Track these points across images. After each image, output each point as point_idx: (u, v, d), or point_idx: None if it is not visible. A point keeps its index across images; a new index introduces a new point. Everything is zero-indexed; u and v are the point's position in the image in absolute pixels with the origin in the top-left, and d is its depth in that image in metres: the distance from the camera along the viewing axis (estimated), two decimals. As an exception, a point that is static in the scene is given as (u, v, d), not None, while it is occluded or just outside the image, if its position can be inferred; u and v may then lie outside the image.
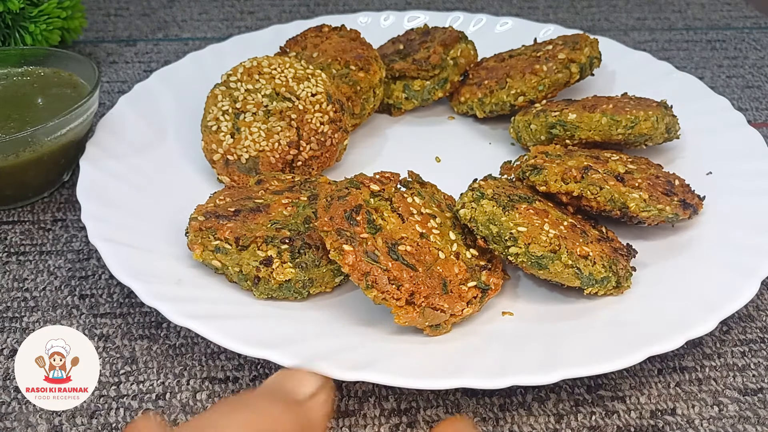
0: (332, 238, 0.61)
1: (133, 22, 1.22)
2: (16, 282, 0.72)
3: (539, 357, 0.58)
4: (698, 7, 1.28)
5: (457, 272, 0.63)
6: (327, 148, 0.80)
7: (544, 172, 0.70)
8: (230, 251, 0.65)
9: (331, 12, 1.26)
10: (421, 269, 0.62)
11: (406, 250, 0.62)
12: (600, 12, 1.27)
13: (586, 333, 0.62)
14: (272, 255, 0.64)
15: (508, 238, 0.63)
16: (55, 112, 0.76)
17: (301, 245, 0.65)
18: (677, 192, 0.72)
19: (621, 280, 0.65)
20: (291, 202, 0.70)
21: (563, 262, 0.62)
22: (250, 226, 0.67)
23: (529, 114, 0.82)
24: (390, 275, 0.60)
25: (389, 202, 0.66)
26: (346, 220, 0.62)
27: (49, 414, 0.59)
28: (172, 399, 0.60)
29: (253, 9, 1.27)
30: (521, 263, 0.63)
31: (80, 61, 0.85)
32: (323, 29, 0.96)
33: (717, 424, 0.59)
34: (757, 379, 0.63)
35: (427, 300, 0.60)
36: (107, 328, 0.67)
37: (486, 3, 1.30)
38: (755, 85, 1.05)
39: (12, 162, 0.75)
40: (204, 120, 0.82)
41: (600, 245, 0.66)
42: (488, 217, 0.64)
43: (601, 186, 0.68)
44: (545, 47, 0.91)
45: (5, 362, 0.64)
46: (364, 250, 0.60)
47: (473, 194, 0.66)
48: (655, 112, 0.77)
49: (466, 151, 0.88)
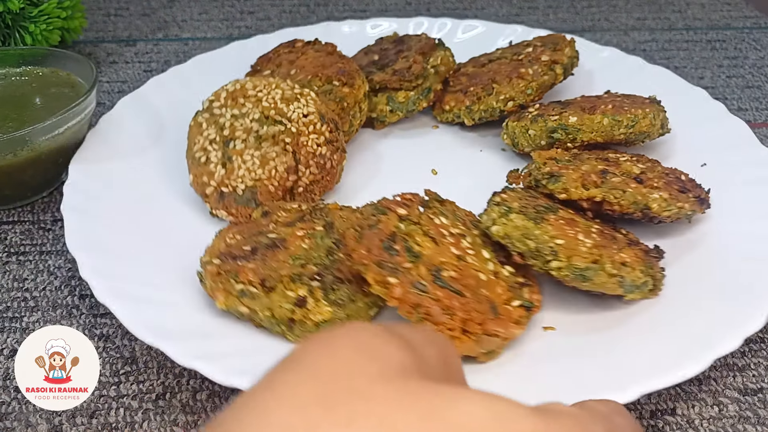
0: (374, 271, 0.57)
1: (133, 22, 1.22)
2: (16, 282, 0.72)
3: (607, 373, 0.56)
4: (698, 7, 1.28)
5: (500, 292, 0.60)
6: (327, 170, 0.76)
7: (563, 179, 0.68)
8: (257, 295, 0.60)
9: (331, 12, 1.26)
10: (468, 294, 0.58)
11: (450, 275, 0.59)
12: (600, 12, 1.27)
13: (641, 342, 0.60)
14: (304, 294, 0.60)
15: (548, 253, 0.61)
16: (53, 112, 0.76)
17: (333, 280, 0.61)
18: (689, 188, 0.72)
19: (657, 282, 0.64)
20: (307, 234, 0.65)
21: (607, 273, 0.60)
22: (272, 265, 0.62)
23: (525, 119, 0.81)
24: (441, 305, 0.56)
25: (418, 226, 0.63)
26: (385, 250, 0.58)
27: (49, 414, 0.59)
28: (172, 399, 0.60)
29: (253, 9, 1.27)
30: (563, 277, 0.61)
31: (78, 60, 0.85)
32: (296, 44, 0.91)
33: (717, 424, 0.59)
34: (757, 379, 0.62)
35: (482, 326, 0.57)
36: (107, 328, 0.67)
37: (486, 3, 1.30)
38: (755, 85, 1.05)
39: (10, 161, 0.75)
40: (190, 152, 0.76)
41: (632, 250, 0.64)
42: (522, 232, 0.62)
43: (624, 189, 0.67)
44: (525, 50, 0.90)
45: (5, 362, 0.63)
46: (410, 281, 0.57)
47: (500, 209, 0.64)
48: (651, 108, 0.78)
49: (460, 160, 0.86)
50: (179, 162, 0.79)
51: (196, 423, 0.59)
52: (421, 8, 1.27)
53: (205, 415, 0.59)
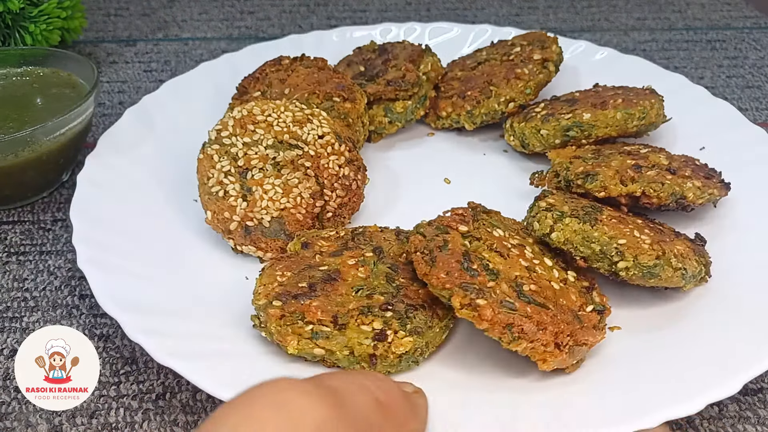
0: (460, 295, 0.54)
1: (133, 22, 1.22)
2: (16, 282, 0.72)
3: (709, 368, 0.57)
4: (698, 7, 1.28)
5: (575, 299, 0.59)
6: (353, 191, 0.73)
7: (599, 178, 0.69)
8: (331, 334, 0.56)
9: (332, 12, 1.26)
10: (551, 306, 0.57)
11: (530, 289, 0.57)
12: (600, 12, 1.27)
13: (719, 333, 0.61)
14: (380, 327, 0.56)
15: (614, 254, 0.61)
16: (54, 112, 0.76)
17: (406, 308, 0.58)
18: (713, 174, 0.74)
19: (707, 269, 0.65)
20: (359, 262, 0.62)
21: (672, 267, 0.60)
22: (337, 299, 0.58)
23: (534, 120, 0.81)
24: (533, 321, 0.54)
25: (481, 242, 0.61)
26: (465, 271, 0.56)
27: (49, 414, 0.59)
28: (172, 399, 0.60)
29: (253, 9, 1.27)
30: (631, 276, 0.61)
31: (79, 61, 0.85)
32: (283, 61, 0.87)
33: (717, 424, 0.59)
34: (757, 379, 0.62)
35: (572, 338, 0.56)
36: (107, 328, 0.67)
37: (486, 3, 1.30)
38: (755, 85, 1.05)
39: (11, 162, 0.75)
40: (204, 187, 0.71)
41: (681, 240, 0.65)
42: (582, 235, 0.62)
43: (662, 182, 0.68)
44: (513, 50, 0.91)
45: (5, 362, 0.63)
46: (498, 301, 0.55)
47: (552, 214, 0.63)
48: (655, 99, 0.79)
49: (468, 167, 0.85)
50: (183, 197, 0.76)
51: (196, 423, 0.59)
52: (420, 8, 1.27)
53: (205, 415, 0.59)
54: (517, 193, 0.79)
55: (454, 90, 0.89)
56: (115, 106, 0.99)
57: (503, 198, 0.70)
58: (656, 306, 0.65)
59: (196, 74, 0.94)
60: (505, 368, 0.59)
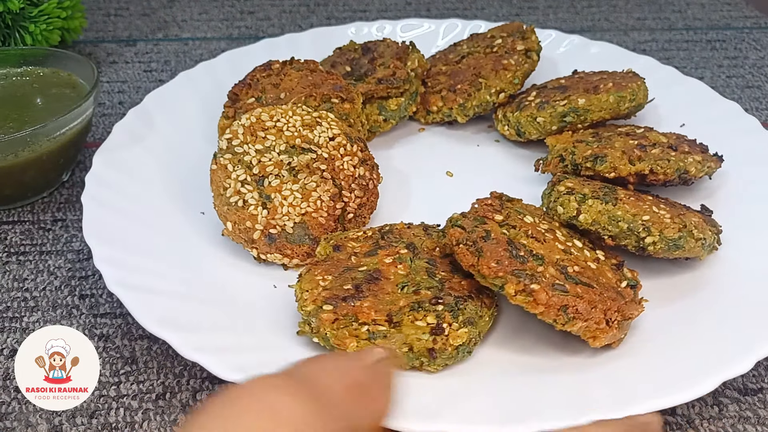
0: (513, 282, 0.56)
1: (133, 22, 1.22)
2: (16, 282, 0.72)
3: (747, 326, 0.60)
4: (698, 7, 1.28)
5: (611, 277, 0.62)
6: (371, 191, 0.74)
7: (608, 159, 0.72)
8: (389, 332, 0.57)
9: (332, 12, 1.26)
10: (595, 284, 0.59)
11: (574, 270, 0.60)
12: (600, 12, 1.27)
13: (739, 295, 0.64)
14: (433, 321, 0.57)
15: (641, 230, 0.64)
16: (54, 112, 0.76)
17: (455, 300, 0.59)
18: (704, 148, 0.77)
19: (718, 238, 0.68)
20: (396, 260, 0.63)
21: (695, 238, 0.64)
22: (385, 298, 0.59)
23: (529, 108, 0.83)
24: (585, 300, 0.56)
25: (516, 229, 0.62)
26: (515, 258, 0.58)
27: (49, 414, 0.59)
28: (172, 399, 0.60)
29: (253, 9, 1.27)
30: (657, 250, 0.64)
31: (79, 61, 0.85)
32: (273, 66, 0.86)
33: (717, 424, 0.59)
34: (757, 379, 0.63)
35: (619, 313, 0.58)
36: (107, 328, 0.67)
37: (486, 3, 1.30)
38: (755, 85, 1.05)
39: (11, 162, 0.75)
40: (221, 198, 0.70)
41: (692, 213, 0.69)
42: (607, 215, 0.64)
43: (667, 159, 0.71)
44: (495, 42, 0.93)
45: (5, 362, 0.63)
46: (550, 284, 0.57)
47: (575, 197, 0.66)
48: (640, 81, 0.83)
49: (466, 158, 0.86)
50: (183, 208, 0.75)
51: (196, 423, 0.59)
52: (420, 8, 1.27)
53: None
54: (518, 179, 0.81)
55: (441, 84, 0.90)
56: (115, 106, 0.99)
57: (507, 186, 0.71)
58: (676, 276, 0.68)
59: (176, 86, 0.91)
60: (558, 348, 0.61)
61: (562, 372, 0.58)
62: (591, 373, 0.58)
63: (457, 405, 0.54)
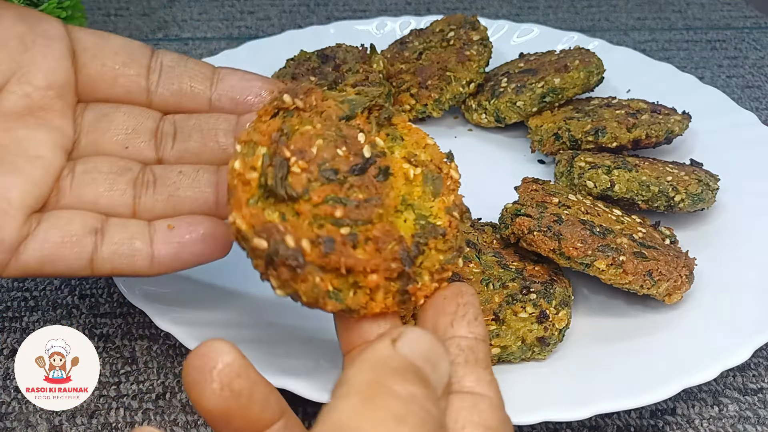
0: (602, 257, 0.58)
1: (133, 22, 1.22)
2: (16, 282, 0.72)
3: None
4: (698, 7, 1.28)
5: (658, 236, 0.66)
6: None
7: (608, 130, 0.76)
8: (501, 330, 0.57)
9: (332, 12, 1.26)
10: (658, 246, 0.63)
11: (640, 236, 0.63)
12: (600, 12, 1.27)
13: (743, 254, 0.67)
14: (532, 310, 0.58)
15: (669, 190, 0.67)
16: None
17: (545, 284, 0.60)
18: (671, 109, 0.82)
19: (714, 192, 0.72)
20: (463, 259, 0.57)
21: (711, 189, 0.70)
22: (480, 298, 0.58)
23: (506, 94, 0.85)
24: (665, 261, 0.60)
25: (573, 207, 0.65)
26: (597, 236, 0.60)
27: (49, 414, 0.59)
28: (172, 399, 0.60)
29: (253, 9, 1.27)
30: (686, 207, 0.69)
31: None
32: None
33: (717, 424, 0.59)
34: (757, 379, 0.63)
35: (687, 267, 0.61)
36: (107, 328, 0.67)
37: (486, 3, 1.30)
38: (755, 85, 1.05)
39: (12, 162, 0.75)
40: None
41: (690, 167, 0.75)
42: (637, 182, 0.68)
43: (657, 122, 0.76)
44: (448, 34, 0.94)
45: (5, 362, 0.64)
46: (631, 253, 0.59)
47: (601, 170, 0.69)
48: (594, 56, 0.86)
49: (455, 151, 0.86)
50: None
51: (196, 423, 0.59)
52: (421, 8, 1.27)
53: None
54: (509, 163, 0.84)
55: (408, 83, 0.91)
56: (115, 106, 0.99)
57: (502, 170, 0.74)
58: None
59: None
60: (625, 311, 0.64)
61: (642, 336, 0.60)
62: (667, 332, 0.60)
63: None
